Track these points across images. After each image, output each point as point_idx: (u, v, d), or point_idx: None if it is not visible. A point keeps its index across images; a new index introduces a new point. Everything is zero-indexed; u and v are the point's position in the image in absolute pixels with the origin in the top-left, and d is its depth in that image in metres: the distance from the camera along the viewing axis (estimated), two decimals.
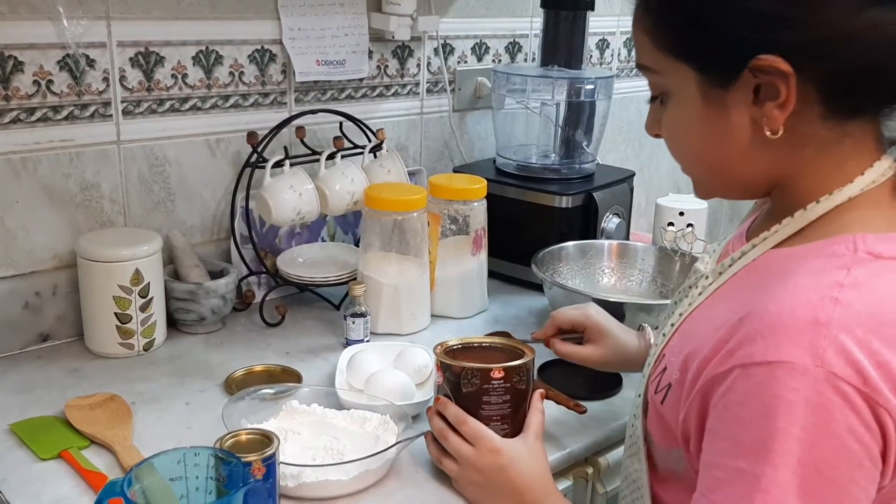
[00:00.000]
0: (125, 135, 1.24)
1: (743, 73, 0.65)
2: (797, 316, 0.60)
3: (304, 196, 1.28)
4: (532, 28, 1.79)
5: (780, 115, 0.66)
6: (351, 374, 1.10)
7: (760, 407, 0.59)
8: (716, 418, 0.64)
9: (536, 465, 0.88)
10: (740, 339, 0.62)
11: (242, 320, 1.32)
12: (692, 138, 0.73)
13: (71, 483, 0.90)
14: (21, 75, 1.13)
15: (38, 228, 1.19)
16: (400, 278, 1.28)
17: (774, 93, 0.65)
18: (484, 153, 1.74)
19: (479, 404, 0.89)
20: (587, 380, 1.16)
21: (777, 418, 0.58)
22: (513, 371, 0.90)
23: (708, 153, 0.72)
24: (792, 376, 0.58)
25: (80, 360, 1.17)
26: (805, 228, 0.69)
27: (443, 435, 0.90)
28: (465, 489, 0.90)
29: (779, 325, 0.60)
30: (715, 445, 0.64)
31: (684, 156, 0.76)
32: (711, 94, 0.68)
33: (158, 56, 1.25)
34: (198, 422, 1.02)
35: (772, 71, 0.64)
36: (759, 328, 0.61)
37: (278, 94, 1.40)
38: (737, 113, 0.68)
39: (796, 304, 0.61)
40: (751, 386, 0.60)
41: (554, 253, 1.41)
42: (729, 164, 0.71)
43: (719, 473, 0.63)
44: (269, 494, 0.81)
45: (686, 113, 0.71)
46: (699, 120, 0.70)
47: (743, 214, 0.87)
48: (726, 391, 0.62)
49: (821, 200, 0.68)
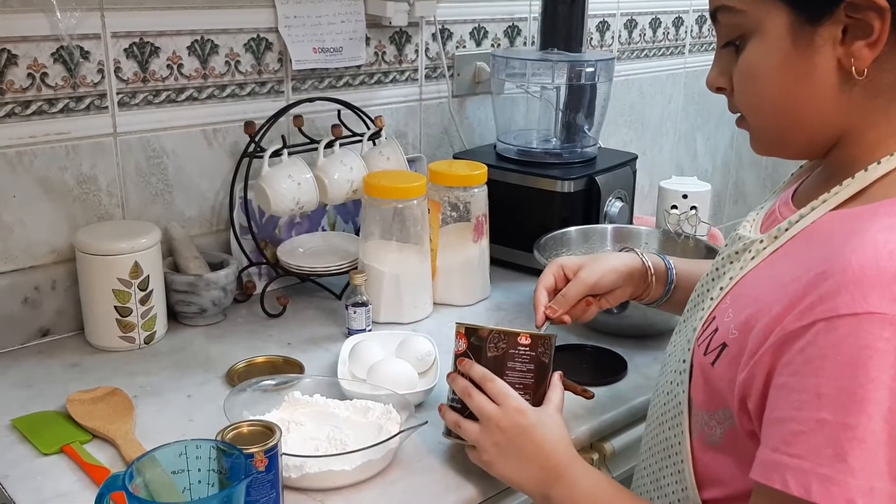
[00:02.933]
0: (121, 127, 1.23)
1: (837, 10, 0.66)
2: (883, 268, 0.60)
3: (302, 185, 1.27)
4: (531, 11, 1.77)
5: (869, 54, 0.66)
6: (353, 363, 1.10)
7: (848, 359, 0.59)
8: (791, 374, 0.63)
9: (559, 432, 0.86)
10: (821, 294, 0.62)
11: (243, 312, 1.32)
12: (771, 82, 0.71)
13: (73, 477, 0.89)
14: (15, 68, 1.12)
15: (36, 223, 1.18)
16: (401, 267, 1.27)
17: (866, 31, 0.65)
18: (484, 139, 1.73)
19: (504, 369, 0.89)
20: (592, 365, 1.16)
21: (869, 368, 0.58)
22: (538, 340, 0.90)
23: (784, 98, 0.71)
24: (883, 327, 0.58)
25: (80, 355, 1.16)
26: (865, 190, 0.69)
27: (467, 392, 0.88)
28: (483, 452, 0.87)
29: (864, 277, 0.60)
30: (788, 399, 0.63)
31: (758, 101, 0.73)
32: (800, 33, 0.68)
33: (153, 47, 1.24)
34: (199, 414, 1.02)
35: (868, 6, 0.64)
36: (841, 281, 0.61)
37: (275, 82, 1.39)
38: (823, 53, 0.68)
39: (879, 257, 0.61)
40: (836, 338, 0.60)
41: (556, 238, 1.40)
42: (802, 111, 0.71)
43: (796, 426, 0.62)
44: (271, 486, 0.80)
45: (769, 53, 0.70)
46: (782, 60, 0.69)
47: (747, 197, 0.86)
48: (806, 345, 0.62)
49: (882, 161, 0.68)
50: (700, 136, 2.35)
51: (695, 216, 1.49)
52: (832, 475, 0.59)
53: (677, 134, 2.29)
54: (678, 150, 2.32)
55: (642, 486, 0.86)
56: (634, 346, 1.20)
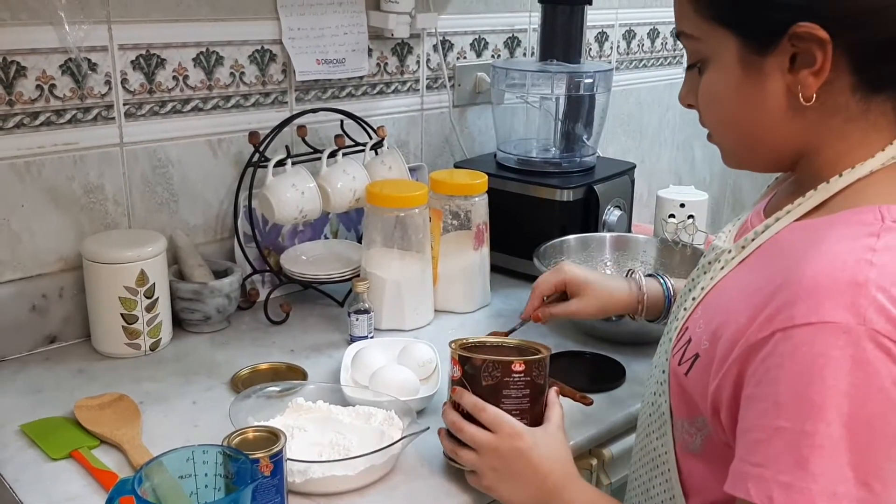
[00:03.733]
0: (128, 137, 1.25)
1: (782, 40, 0.68)
2: (836, 278, 0.62)
3: (306, 194, 1.29)
4: (531, 23, 1.79)
5: (814, 82, 0.68)
6: (355, 370, 1.11)
7: (804, 367, 0.60)
8: (755, 384, 0.64)
9: (558, 450, 0.87)
10: (779, 305, 0.63)
11: (247, 319, 1.33)
12: (727, 105, 0.74)
13: (82, 482, 0.91)
14: (24, 80, 1.14)
15: (44, 231, 1.20)
16: (402, 274, 1.29)
17: (810, 60, 0.67)
18: (484, 148, 1.75)
19: (499, 398, 0.89)
20: (590, 372, 1.17)
21: (825, 376, 0.59)
22: (533, 365, 0.90)
23: (742, 120, 0.74)
24: (836, 335, 0.60)
25: (87, 361, 1.18)
26: (827, 201, 0.71)
27: (458, 427, 0.89)
28: (483, 477, 0.88)
29: (818, 287, 0.62)
30: (752, 410, 0.64)
31: (718, 123, 0.77)
32: (750, 61, 0.70)
33: (159, 58, 1.26)
34: (205, 420, 1.03)
35: (810, 38, 0.66)
36: (797, 292, 0.63)
37: (279, 93, 1.41)
38: (773, 80, 0.70)
39: (833, 268, 0.62)
40: (792, 347, 0.61)
41: (556, 246, 1.41)
42: (761, 131, 0.73)
43: (757, 435, 0.63)
44: (276, 490, 0.82)
45: (723, 79, 0.73)
46: (736, 86, 0.72)
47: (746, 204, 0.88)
48: (766, 356, 0.63)
49: (843, 174, 0.70)
50: (698, 145, 2.36)
51: (692, 225, 1.51)
52: (793, 482, 0.60)
53: (675, 143, 2.31)
54: (676, 158, 2.33)
55: (633, 496, 0.87)
56: (632, 353, 1.22)
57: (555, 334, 1.29)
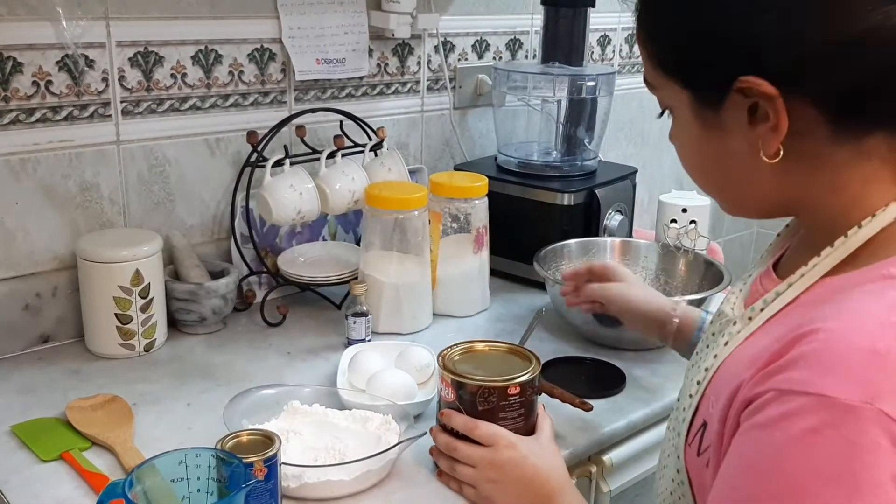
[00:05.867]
0: (125, 135, 1.24)
1: (731, 95, 0.62)
2: (849, 343, 0.54)
3: (304, 195, 1.27)
4: (533, 25, 1.78)
5: (774, 138, 0.61)
6: (352, 373, 1.10)
7: (791, 439, 0.53)
8: (740, 439, 0.58)
9: (552, 459, 0.88)
10: (783, 363, 0.56)
11: (243, 320, 1.32)
12: (692, 155, 0.70)
13: (72, 484, 0.89)
14: (20, 76, 1.13)
15: (38, 229, 1.19)
16: (401, 277, 1.27)
17: (766, 115, 0.61)
18: (485, 151, 1.74)
19: (495, 421, 0.89)
20: (591, 378, 1.16)
21: (812, 456, 0.52)
22: (527, 385, 0.90)
23: (711, 174, 0.69)
24: (834, 413, 0.52)
25: (80, 362, 1.17)
26: (852, 256, 0.62)
27: (452, 447, 0.89)
28: (481, 489, 0.88)
29: (826, 352, 0.54)
30: (729, 467, 0.58)
31: (691, 174, 0.72)
32: (704, 115, 0.65)
33: (157, 56, 1.25)
34: (199, 423, 1.02)
35: (756, 93, 0.60)
36: (806, 353, 0.55)
37: (278, 93, 1.39)
38: (733, 136, 0.64)
39: (849, 331, 0.54)
40: (782, 413, 0.54)
41: (556, 251, 1.40)
42: (735, 185, 0.68)
43: (731, 492, 0.57)
44: (270, 495, 0.80)
45: (685, 132, 0.68)
46: (697, 139, 0.67)
47: None
48: (755, 411, 0.56)
49: (863, 225, 0.61)
50: None
51: (694, 230, 1.49)
52: None
53: None
54: (678, 164, 2.31)
55: None
56: (633, 359, 1.21)
57: (555, 339, 1.28)
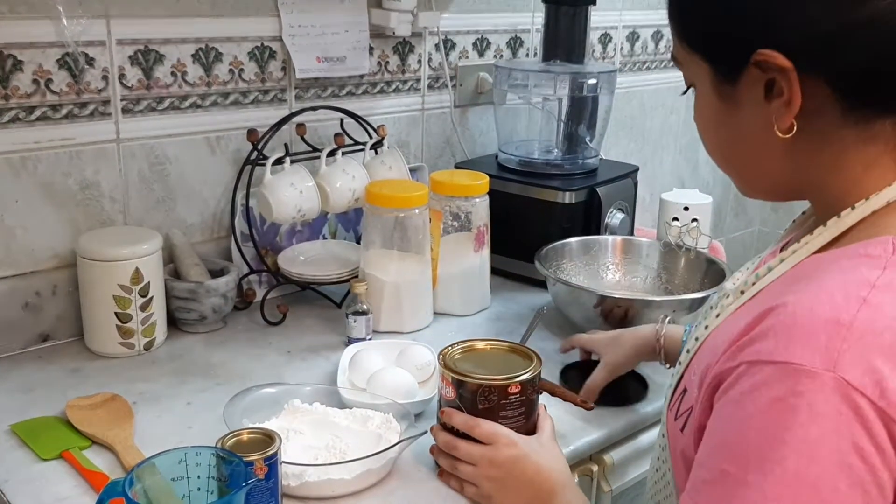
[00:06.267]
0: (125, 133, 1.24)
1: (748, 69, 0.63)
2: (815, 314, 0.56)
3: (304, 193, 1.27)
4: (534, 23, 1.78)
5: (787, 112, 0.62)
6: (353, 372, 1.10)
7: (758, 410, 0.55)
8: (714, 417, 0.60)
9: (553, 457, 0.88)
10: (752, 336, 0.58)
11: (243, 319, 1.32)
12: (711, 131, 0.71)
13: (72, 483, 0.89)
14: (20, 74, 1.13)
15: (38, 228, 1.18)
16: (401, 276, 1.27)
17: (781, 90, 0.62)
18: (486, 149, 1.74)
19: (496, 419, 0.89)
20: (612, 387, 1.09)
21: (778, 424, 0.54)
22: (528, 384, 0.90)
23: (728, 150, 0.70)
24: (798, 380, 0.54)
25: (80, 360, 1.16)
26: (841, 236, 0.64)
27: (452, 446, 0.89)
28: (482, 487, 0.88)
29: (793, 322, 0.56)
30: (706, 444, 0.60)
31: (710, 151, 0.73)
32: (723, 89, 0.66)
33: (158, 54, 1.24)
34: (199, 421, 1.02)
35: (772, 67, 0.61)
36: (773, 325, 0.57)
37: (278, 91, 1.39)
38: (748, 110, 0.65)
39: (817, 302, 0.57)
40: (752, 385, 0.56)
41: (557, 249, 1.40)
42: (750, 163, 0.69)
43: (706, 474, 0.59)
44: (271, 494, 0.80)
45: (705, 107, 0.69)
46: (715, 115, 0.68)
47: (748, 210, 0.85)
48: (728, 387, 0.59)
49: (856, 206, 0.63)
50: (701, 149, 2.33)
51: (696, 228, 1.49)
52: None
53: (678, 147, 2.30)
54: (679, 162, 2.32)
55: None
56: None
57: (555, 338, 1.27)
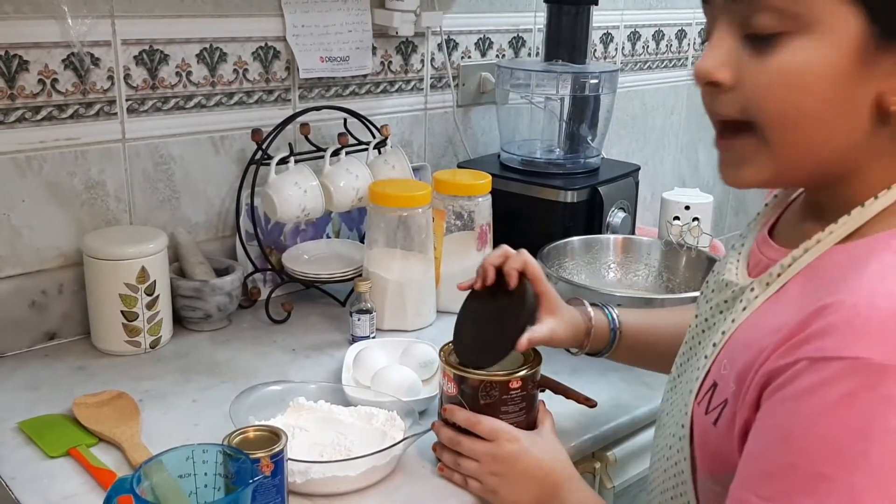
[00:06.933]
0: (130, 133, 1.24)
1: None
2: (878, 308, 0.55)
3: (308, 193, 1.28)
4: (536, 23, 1.78)
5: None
6: (357, 370, 1.10)
7: (828, 404, 0.54)
8: (769, 413, 0.59)
9: (555, 450, 0.89)
10: (809, 334, 0.57)
11: (248, 317, 1.33)
12: (813, 93, 0.60)
13: (80, 480, 0.90)
14: (26, 74, 1.13)
15: (44, 227, 1.19)
16: (405, 274, 1.28)
17: None
18: (488, 148, 1.74)
19: (497, 414, 0.90)
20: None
21: (852, 417, 0.54)
22: (528, 379, 0.91)
23: (812, 113, 0.61)
24: (870, 374, 0.54)
25: (86, 358, 1.17)
26: (863, 227, 0.64)
27: (455, 442, 0.90)
28: (485, 483, 0.88)
29: (856, 317, 0.55)
30: (762, 437, 0.59)
31: (778, 115, 0.62)
32: (866, 48, 0.59)
33: (163, 54, 1.25)
34: (205, 419, 1.02)
35: None
36: (834, 322, 0.56)
37: (282, 91, 1.40)
38: (873, 78, 0.60)
39: (875, 296, 0.56)
40: (818, 380, 0.55)
41: (559, 248, 1.40)
42: (819, 135, 0.62)
43: (768, 466, 0.57)
44: (277, 491, 0.81)
45: (823, 61, 0.59)
46: (837, 73, 0.60)
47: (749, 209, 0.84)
48: (784, 383, 0.57)
49: (879, 196, 0.63)
50: (702, 148, 2.35)
51: (697, 227, 1.50)
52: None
53: (679, 145, 2.30)
54: (680, 161, 2.32)
55: None
56: None
57: None
